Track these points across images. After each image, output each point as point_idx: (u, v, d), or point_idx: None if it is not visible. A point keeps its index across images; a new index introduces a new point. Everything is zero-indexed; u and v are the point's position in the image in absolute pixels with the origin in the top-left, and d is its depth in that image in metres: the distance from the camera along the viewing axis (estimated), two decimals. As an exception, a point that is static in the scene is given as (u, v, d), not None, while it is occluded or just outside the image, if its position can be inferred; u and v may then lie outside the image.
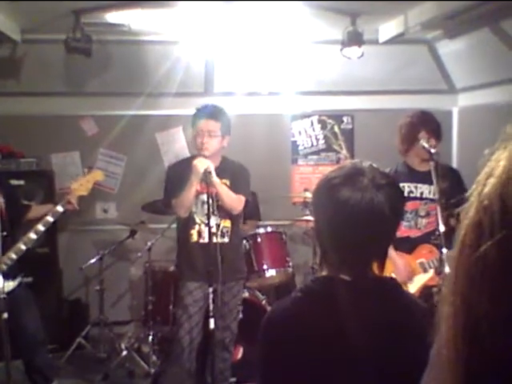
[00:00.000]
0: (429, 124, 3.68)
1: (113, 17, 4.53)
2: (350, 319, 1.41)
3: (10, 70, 5.24)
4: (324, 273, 1.53)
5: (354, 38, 4.54)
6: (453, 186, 3.60)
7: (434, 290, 3.59)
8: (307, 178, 5.91)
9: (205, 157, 3.55)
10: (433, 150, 3.36)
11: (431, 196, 3.70)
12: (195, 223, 3.69)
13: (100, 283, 5.00)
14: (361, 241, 1.43)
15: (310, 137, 5.93)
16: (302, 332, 1.44)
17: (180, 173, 3.61)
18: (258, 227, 4.84)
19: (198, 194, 3.63)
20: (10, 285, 3.54)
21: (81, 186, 3.87)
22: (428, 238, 3.72)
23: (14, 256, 3.55)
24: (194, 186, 3.53)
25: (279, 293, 4.98)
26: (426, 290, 3.66)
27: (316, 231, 1.56)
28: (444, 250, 3.06)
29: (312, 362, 1.42)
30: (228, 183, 3.69)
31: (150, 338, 4.72)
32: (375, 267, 1.51)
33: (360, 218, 1.40)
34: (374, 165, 1.51)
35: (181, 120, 5.58)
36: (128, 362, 4.75)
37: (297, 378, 1.44)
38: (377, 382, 1.41)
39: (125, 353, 4.76)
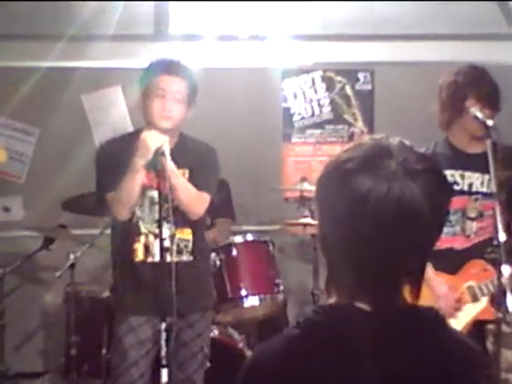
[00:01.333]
0: (481, 85, 3.69)
1: None
2: (369, 366, 1.42)
3: None
4: (332, 300, 1.53)
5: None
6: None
7: (489, 326, 3.62)
8: (305, 162, 5.92)
9: (161, 130, 3.54)
10: (490, 122, 3.38)
11: (485, 189, 3.72)
12: (140, 233, 3.69)
13: (-1, 316, 4.97)
14: (387, 253, 1.44)
15: (311, 102, 5.94)
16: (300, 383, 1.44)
17: (118, 154, 3.59)
18: (234, 234, 4.84)
19: (145, 189, 3.62)
20: None
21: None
22: (480, 250, 3.74)
23: None
24: (139, 172, 3.50)
25: (264, 331, 4.99)
26: (477, 326, 3.69)
27: (321, 240, 1.57)
28: (505, 270, 3.08)
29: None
30: (187, 174, 3.69)
31: (73, 397, 4.71)
32: (407, 292, 1.51)
33: (386, 218, 1.41)
34: (406, 142, 1.51)
35: (120, 75, 5.57)
36: (41, 432, 4.74)
37: None
38: None
39: (36, 419, 4.75)
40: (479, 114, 3.51)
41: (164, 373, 3.32)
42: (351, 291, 1.50)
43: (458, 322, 3.69)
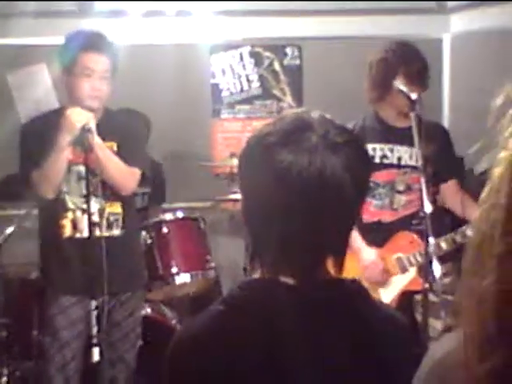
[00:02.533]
0: (410, 63, 3.70)
1: None
2: (293, 340, 1.43)
3: None
4: (256, 275, 1.54)
5: None
6: (441, 151, 3.68)
7: (417, 297, 3.68)
8: (235, 138, 5.91)
9: (90, 109, 3.50)
10: (413, 96, 3.42)
11: (413, 163, 3.75)
12: (67, 209, 3.65)
13: None
14: (309, 226, 1.44)
15: (239, 77, 5.93)
16: (225, 360, 1.44)
17: (42, 132, 3.55)
18: (164, 211, 4.82)
19: (71, 164, 3.58)
20: None
21: None
22: (408, 222, 3.79)
23: None
24: (65, 150, 3.48)
25: (197, 307, 4.98)
26: (406, 297, 3.75)
27: (245, 214, 1.57)
28: (431, 240, 3.12)
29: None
30: (115, 147, 3.67)
31: (4, 379, 4.66)
32: (330, 265, 1.52)
33: (308, 192, 1.41)
34: (328, 116, 1.51)
35: (45, 52, 5.46)
36: (-29, 416, 4.68)
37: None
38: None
39: (-35, 403, 4.69)
40: (403, 88, 3.55)
41: (95, 352, 3.30)
42: (275, 265, 1.50)
43: (388, 294, 3.74)
